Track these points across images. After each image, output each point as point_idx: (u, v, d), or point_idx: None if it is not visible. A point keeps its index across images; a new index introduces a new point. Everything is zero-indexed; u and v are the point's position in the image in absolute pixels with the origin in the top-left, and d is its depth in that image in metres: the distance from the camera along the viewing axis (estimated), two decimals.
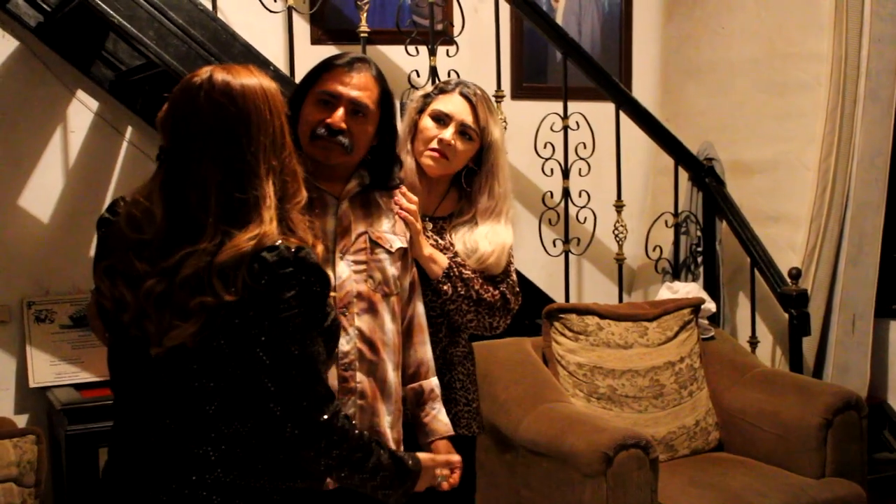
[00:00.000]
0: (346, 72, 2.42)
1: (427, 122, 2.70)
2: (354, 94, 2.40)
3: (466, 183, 2.76)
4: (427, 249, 2.61)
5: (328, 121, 2.38)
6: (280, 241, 1.82)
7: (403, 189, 2.59)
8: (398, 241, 2.52)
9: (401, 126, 2.70)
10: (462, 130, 2.68)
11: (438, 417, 2.58)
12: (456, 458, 2.35)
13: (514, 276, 2.78)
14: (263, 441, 1.86)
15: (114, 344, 1.96)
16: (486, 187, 2.73)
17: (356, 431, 1.93)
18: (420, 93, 2.79)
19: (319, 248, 1.91)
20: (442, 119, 2.69)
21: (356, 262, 2.43)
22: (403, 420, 2.55)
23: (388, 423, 2.44)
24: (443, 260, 2.63)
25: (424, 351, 2.60)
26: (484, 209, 2.72)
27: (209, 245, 1.78)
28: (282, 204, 1.87)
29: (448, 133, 2.67)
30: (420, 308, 2.61)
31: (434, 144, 2.68)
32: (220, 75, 1.86)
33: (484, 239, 2.68)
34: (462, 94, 2.70)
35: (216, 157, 1.82)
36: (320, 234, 2.02)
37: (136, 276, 1.82)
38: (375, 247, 2.46)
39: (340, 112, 2.39)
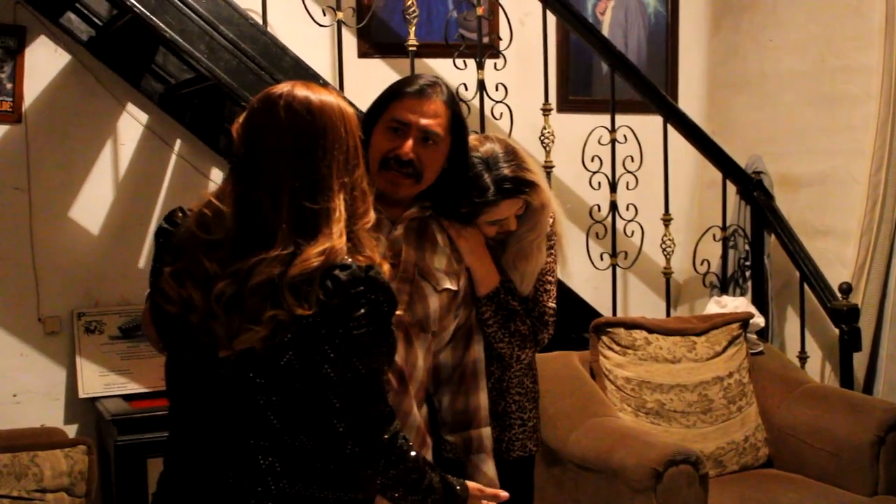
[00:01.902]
0: (416, 99, 2.35)
1: (489, 229, 2.57)
2: (424, 122, 2.33)
3: None
4: (479, 259, 2.53)
5: (398, 151, 2.32)
6: (351, 259, 1.83)
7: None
8: (447, 282, 2.45)
9: None
10: (518, 215, 2.59)
11: (482, 469, 2.52)
12: (504, 494, 2.27)
13: (550, 305, 2.66)
14: (328, 454, 1.86)
15: (173, 353, 1.97)
16: (528, 223, 2.59)
17: (412, 453, 1.94)
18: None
19: (386, 267, 1.90)
20: (501, 222, 2.56)
21: (399, 291, 2.35)
22: (447, 460, 2.52)
23: None
24: (494, 278, 2.55)
25: (479, 398, 2.55)
26: (518, 237, 2.60)
27: (281, 253, 1.80)
28: (351, 221, 1.88)
29: (508, 224, 2.56)
30: (478, 353, 2.56)
31: (502, 229, 2.59)
32: (301, 90, 1.90)
33: (512, 267, 2.60)
34: (506, 197, 2.51)
35: (291, 165, 1.84)
36: (388, 254, 1.99)
37: (206, 278, 1.84)
38: (422, 280, 2.41)
39: (410, 142, 2.33)
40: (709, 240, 4.61)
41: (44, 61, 3.92)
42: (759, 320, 4.25)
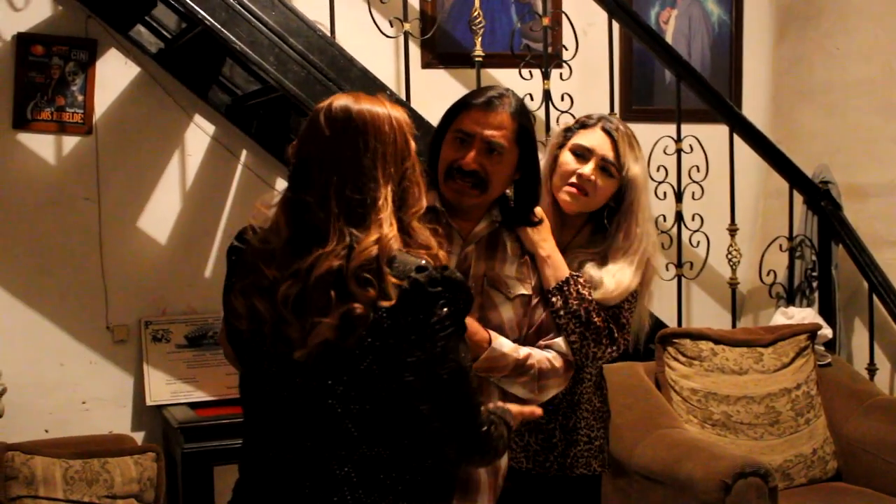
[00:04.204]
0: (482, 110, 2.36)
1: (567, 157, 2.58)
2: (488, 133, 2.34)
3: (608, 222, 2.62)
4: (547, 251, 2.48)
5: (461, 162, 2.34)
6: (424, 261, 1.84)
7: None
8: (520, 288, 2.44)
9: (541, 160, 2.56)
10: (603, 166, 2.55)
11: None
12: (539, 411, 2.26)
13: (626, 315, 2.57)
14: (403, 464, 1.87)
15: (248, 365, 1.98)
16: (624, 226, 2.57)
17: (495, 429, 1.99)
18: (561, 127, 2.69)
19: (442, 254, 1.92)
20: (582, 154, 2.56)
21: None
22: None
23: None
24: (562, 270, 2.48)
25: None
26: (617, 248, 2.57)
27: (337, 247, 1.82)
28: (401, 210, 1.90)
29: (588, 168, 2.54)
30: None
31: (573, 179, 2.56)
32: (341, 99, 1.93)
33: (610, 276, 2.52)
34: (604, 130, 2.56)
35: (334, 164, 1.87)
36: (444, 242, 2.00)
37: (269, 286, 1.86)
38: (492, 290, 2.40)
39: (473, 153, 2.34)
40: (775, 250, 4.56)
41: (114, 74, 3.99)
42: (826, 332, 4.19)
